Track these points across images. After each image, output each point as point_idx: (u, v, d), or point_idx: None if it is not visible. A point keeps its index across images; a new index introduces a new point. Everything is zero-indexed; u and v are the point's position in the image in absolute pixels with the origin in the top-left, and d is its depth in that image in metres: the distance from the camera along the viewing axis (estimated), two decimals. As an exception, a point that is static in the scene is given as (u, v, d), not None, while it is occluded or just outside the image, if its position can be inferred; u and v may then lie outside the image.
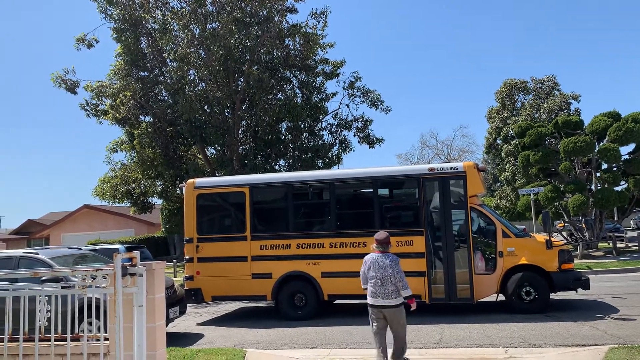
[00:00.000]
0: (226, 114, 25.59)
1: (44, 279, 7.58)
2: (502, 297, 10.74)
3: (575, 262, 14.38)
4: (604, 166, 23.20)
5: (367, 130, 27.30)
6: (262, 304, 13.60)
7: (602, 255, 21.49)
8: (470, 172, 10.54)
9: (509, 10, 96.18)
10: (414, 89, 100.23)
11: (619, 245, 23.49)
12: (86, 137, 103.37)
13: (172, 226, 34.56)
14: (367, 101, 27.25)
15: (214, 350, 8.02)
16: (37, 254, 9.33)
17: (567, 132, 23.11)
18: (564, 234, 26.82)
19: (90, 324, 5.89)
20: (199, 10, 23.73)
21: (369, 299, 6.54)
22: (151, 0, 24.71)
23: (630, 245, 25.67)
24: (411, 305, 6.51)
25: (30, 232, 47.07)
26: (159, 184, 28.20)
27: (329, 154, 26.35)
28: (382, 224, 10.81)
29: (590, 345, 7.61)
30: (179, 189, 26.54)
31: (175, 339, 9.60)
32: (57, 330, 5.00)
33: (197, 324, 11.60)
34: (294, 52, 25.46)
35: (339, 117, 27.58)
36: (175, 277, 21.72)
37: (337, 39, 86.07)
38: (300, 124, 25.40)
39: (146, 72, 26.02)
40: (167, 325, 8.18)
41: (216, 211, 12.48)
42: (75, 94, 25.57)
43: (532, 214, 22.50)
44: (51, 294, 5.08)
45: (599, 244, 23.65)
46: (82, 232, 40.05)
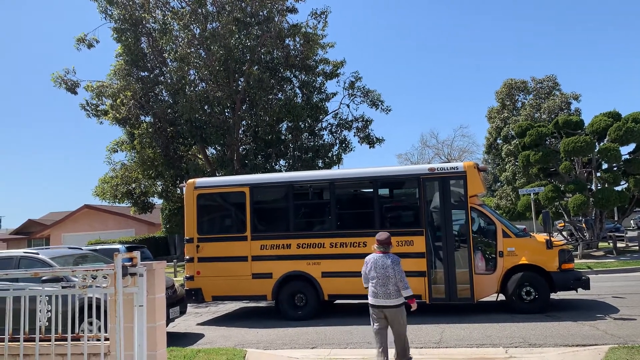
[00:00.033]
0: (226, 114, 25.59)
1: (44, 279, 7.59)
2: (502, 297, 10.74)
3: (575, 262, 14.40)
4: (604, 166, 23.22)
5: (367, 130, 27.29)
6: (262, 304, 13.61)
7: (602, 255, 21.49)
8: (470, 172, 10.54)
9: (509, 10, 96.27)
10: (414, 89, 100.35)
11: (619, 245, 23.48)
12: (86, 137, 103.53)
13: (173, 226, 34.62)
14: (368, 101, 27.24)
15: (215, 350, 8.03)
16: (38, 254, 9.33)
17: (568, 132, 23.12)
18: (564, 233, 26.80)
19: (90, 324, 5.90)
20: (199, 10, 23.73)
21: (370, 299, 6.55)
22: (151, 0, 24.72)
23: (630, 245, 25.66)
24: (412, 305, 6.52)
25: (30, 232, 47.08)
26: (159, 184, 28.22)
27: (329, 154, 26.35)
28: (383, 224, 10.81)
29: (590, 345, 7.62)
30: (179, 189, 26.57)
31: (175, 339, 9.61)
32: (58, 330, 5.01)
33: (198, 324, 11.60)
34: (294, 52, 25.47)
35: (339, 117, 27.61)
36: (175, 277, 21.73)
37: (337, 39, 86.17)
38: (300, 124, 25.40)
39: (146, 72, 26.05)
40: (167, 325, 8.19)
41: (216, 211, 12.48)
42: (75, 94, 25.59)
43: (533, 214, 22.49)
44: (52, 294, 5.09)
45: (599, 244, 23.65)
46: (82, 232, 40.08)
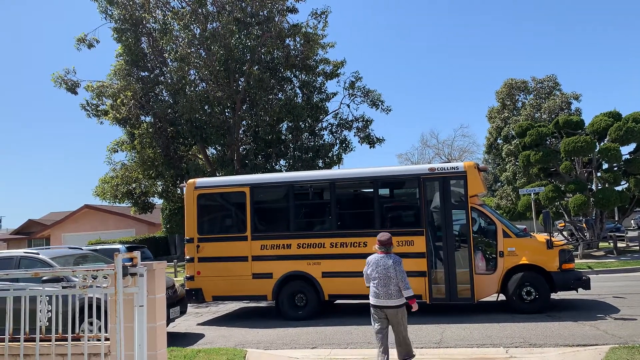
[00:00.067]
0: (227, 114, 25.59)
1: (44, 279, 7.59)
2: (502, 297, 10.74)
3: (575, 262, 14.38)
4: (605, 166, 23.20)
5: (367, 130, 27.30)
6: (262, 304, 13.61)
7: (603, 255, 21.49)
8: (470, 172, 10.54)
9: (509, 10, 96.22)
10: (414, 89, 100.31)
11: (620, 245, 23.48)
12: (86, 137, 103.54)
13: (173, 226, 34.62)
14: (368, 101, 27.27)
15: (215, 350, 8.03)
16: (38, 254, 9.34)
17: (568, 132, 23.11)
18: (565, 233, 26.80)
19: (91, 324, 5.91)
20: (200, 10, 23.74)
21: (371, 299, 6.55)
22: (152, 0, 24.72)
23: (630, 245, 25.64)
24: (412, 305, 6.51)
25: (31, 232, 47.10)
26: (159, 184, 28.19)
27: (330, 154, 26.35)
28: (383, 224, 10.81)
29: (591, 345, 7.61)
30: (179, 189, 26.55)
31: (176, 339, 9.62)
32: (58, 330, 5.00)
33: (198, 324, 11.60)
34: (294, 52, 25.47)
35: (340, 117, 27.64)
36: (175, 277, 21.73)
37: (337, 39, 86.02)
38: (300, 124, 25.40)
39: (147, 72, 26.04)
40: (167, 325, 8.20)
41: (217, 211, 12.47)
42: (75, 94, 25.56)
43: (533, 214, 22.48)
44: (52, 294, 5.08)
45: (600, 244, 23.64)
46: (82, 232, 40.10)
